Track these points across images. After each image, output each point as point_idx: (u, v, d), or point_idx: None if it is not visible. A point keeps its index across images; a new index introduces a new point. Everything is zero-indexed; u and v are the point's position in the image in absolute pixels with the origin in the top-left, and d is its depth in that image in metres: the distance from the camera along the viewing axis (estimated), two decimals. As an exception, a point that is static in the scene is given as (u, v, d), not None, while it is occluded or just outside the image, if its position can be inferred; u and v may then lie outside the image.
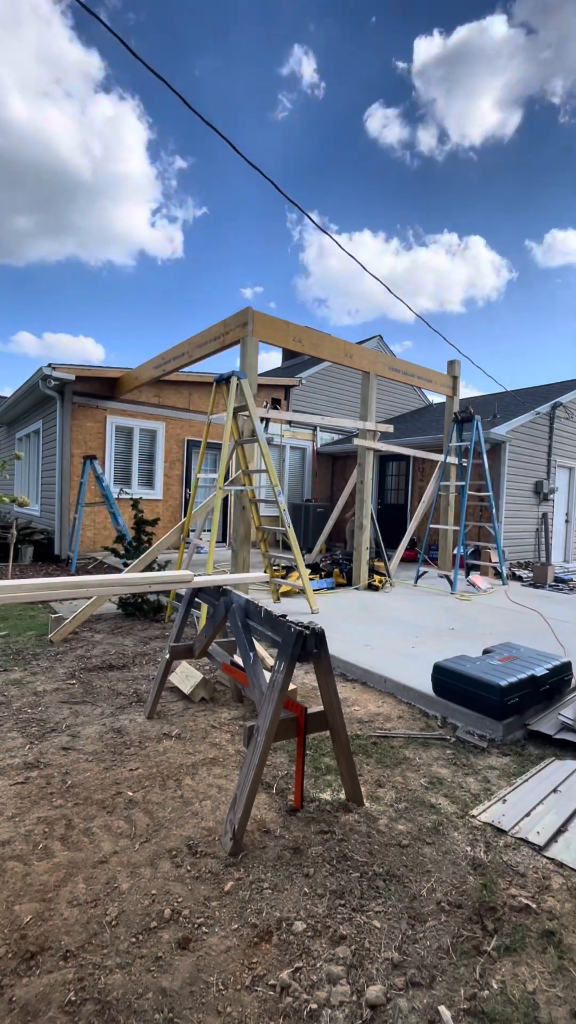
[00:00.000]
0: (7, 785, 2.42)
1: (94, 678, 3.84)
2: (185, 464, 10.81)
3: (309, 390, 13.38)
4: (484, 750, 2.89)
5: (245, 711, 3.32)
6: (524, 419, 10.12)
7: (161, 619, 5.65)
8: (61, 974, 1.48)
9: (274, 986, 1.46)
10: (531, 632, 5.08)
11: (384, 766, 2.68)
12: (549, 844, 2.10)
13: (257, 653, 2.44)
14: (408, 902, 1.79)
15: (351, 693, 3.65)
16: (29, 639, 4.81)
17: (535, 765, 2.73)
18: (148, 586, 2.62)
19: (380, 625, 5.23)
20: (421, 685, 3.50)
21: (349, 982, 1.48)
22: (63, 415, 9.23)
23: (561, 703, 3.39)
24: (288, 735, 2.22)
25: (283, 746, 2.82)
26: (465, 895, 1.83)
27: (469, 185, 65.81)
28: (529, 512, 10.61)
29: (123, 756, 2.71)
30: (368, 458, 7.46)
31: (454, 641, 4.63)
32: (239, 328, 5.93)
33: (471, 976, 1.52)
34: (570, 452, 11.68)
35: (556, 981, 1.51)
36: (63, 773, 2.53)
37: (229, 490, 5.49)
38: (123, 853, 1.98)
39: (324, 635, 2.18)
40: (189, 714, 3.25)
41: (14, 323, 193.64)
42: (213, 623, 2.87)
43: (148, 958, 1.54)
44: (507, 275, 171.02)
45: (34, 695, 3.49)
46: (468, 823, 2.24)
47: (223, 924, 1.67)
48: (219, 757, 2.72)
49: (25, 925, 1.64)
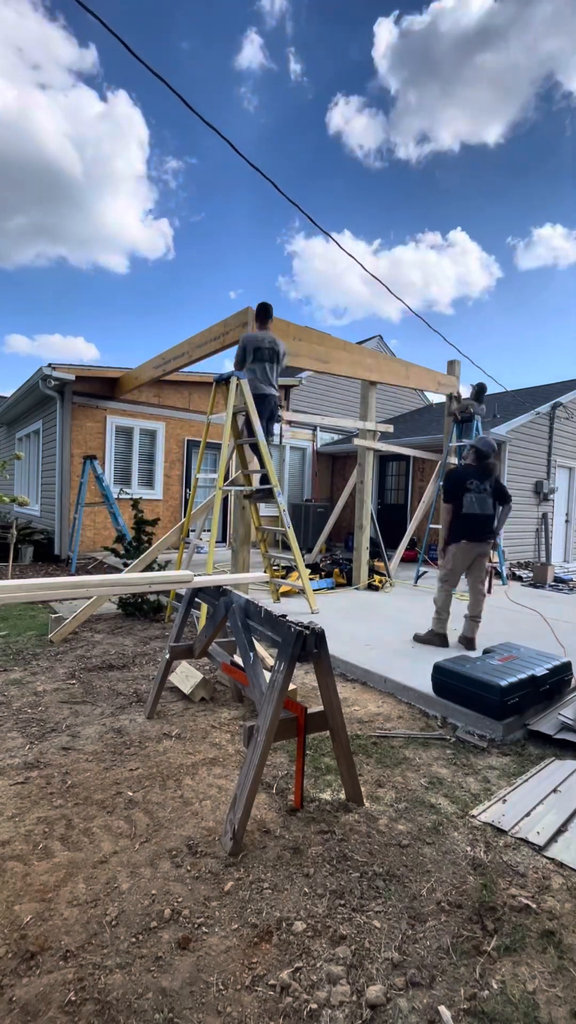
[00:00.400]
0: (7, 785, 2.42)
1: (94, 678, 3.84)
2: (185, 464, 10.81)
3: (309, 390, 13.38)
4: (484, 750, 2.89)
5: (245, 711, 3.32)
6: (524, 419, 10.12)
7: (161, 619, 5.65)
8: (61, 974, 1.48)
9: (274, 986, 1.46)
10: (531, 632, 5.08)
11: (384, 766, 2.68)
12: (549, 844, 2.10)
13: (257, 653, 2.44)
14: (408, 902, 1.79)
15: (351, 693, 3.65)
16: (29, 639, 4.81)
17: (535, 765, 2.73)
18: (148, 586, 2.62)
19: (380, 625, 5.23)
20: (421, 685, 3.50)
21: (349, 982, 1.48)
22: (63, 415, 9.22)
23: (561, 703, 3.39)
24: (288, 735, 2.22)
25: (283, 746, 2.82)
26: (465, 895, 1.83)
27: (452, 183, 65.86)
28: (529, 512, 10.61)
29: (123, 756, 2.71)
30: (368, 458, 7.46)
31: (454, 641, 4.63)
32: (239, 328, 5.92)
33: (471, 976, 1.52)
34: (570, 452, 11.68)
35: (556, 981, 1.51)
36: (63, 773, 2.53)
37: (229, 490, 5.49)
38: (123, 853, 1.98)
39: (324, 635, 2.18)
40: (189, 714, 3.25)
41: (7, 325, 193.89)
42: (213, 623, 2.87)
43: (148, 958, 1.54)
44: (494, 273, 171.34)
45: (34, 695, 3.49)
46: (468, 823, 2.24)
47: (223, 924, 1.67)
48: (219, 757, 2.72)
49: (25, 925, 1.64)
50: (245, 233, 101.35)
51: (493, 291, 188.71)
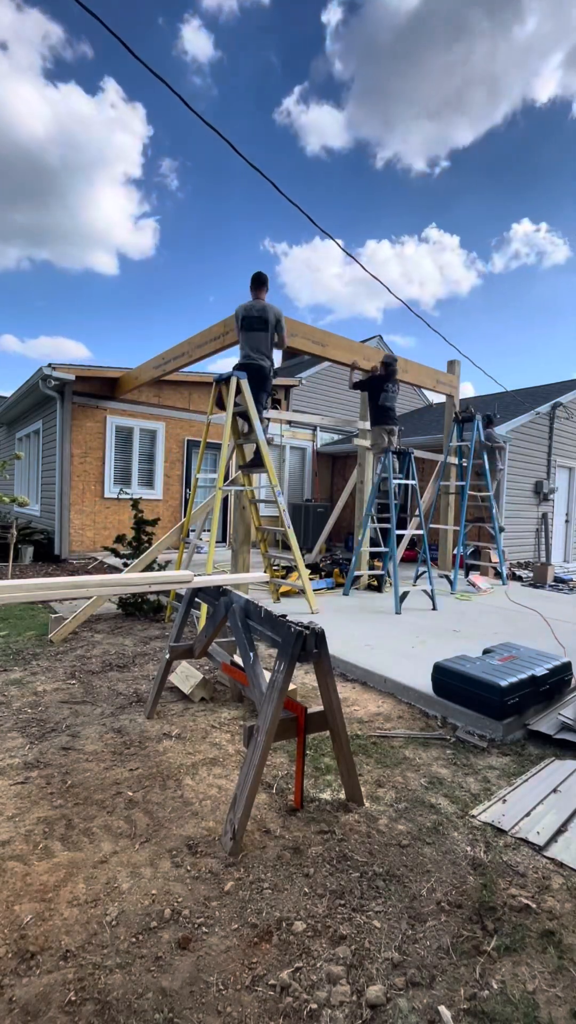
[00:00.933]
0: (7, 785, 2.42)
1: (94, 678, 3.84)
2: (185, 464, 10.81)
3: (309, 390, 13.39)
4: (484, 750, 2.89)
5: (245, 711, 3.32)
6: (524, 419, 10.13)
7: (161, 619, 5.65)
8: (61, 974, 1.48)
9: (274, 986, 1.46)
10: (531, 632, 5.08)
11: (384, 766, 2.68)
12: (549, 844, 2.10)
13: (257, 653, 2.44)
14: (408, 902, 1.79)
15: (351, 693, 3.65)
16: (29, 639, 4.81)
17: (535, 765, 2.73)
18: (148, 586, 2.62)
19: (380, 625, 5.23)
20: (421, 685, 3.50)
21: (349, 982, 1.48)
22: (63, 415, 9.23)
23: (561, 703, 3.39)
24: (288, 735, 2.22)
25: (283, 746, 2.82)
26: (465, 895, 1.83)
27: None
28: (529, 512, 10.61)
29: (123, 756, 2.71)
30: (368, 458, 7.46)
31: (454, 641, 4.63)
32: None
33: (471, 976, 1.52)
34: (570, 452, 11.68)
35: (556, 981, 1.51)
36: (63, 773, 2.53)
37: (229, 490, 5.49)
38: (123, 853, 1.98)
39: (324, 635, 2.18)
40: (189, 714, 3.25)
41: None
42: (213, 623, 2.87)
43: (148, 958, 1.54)
44: (475, 270, 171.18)
45: (34, 695, 3.49)
46: (468, 823, 2.24)
47: (223, 924, 1.67)
48: (219, 757, 2.72)
49: (25, 925, 1.64)
50: (231, 234, 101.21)
51: (479, 289, 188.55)
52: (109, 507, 9.81)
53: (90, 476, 9.59)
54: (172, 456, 10.63)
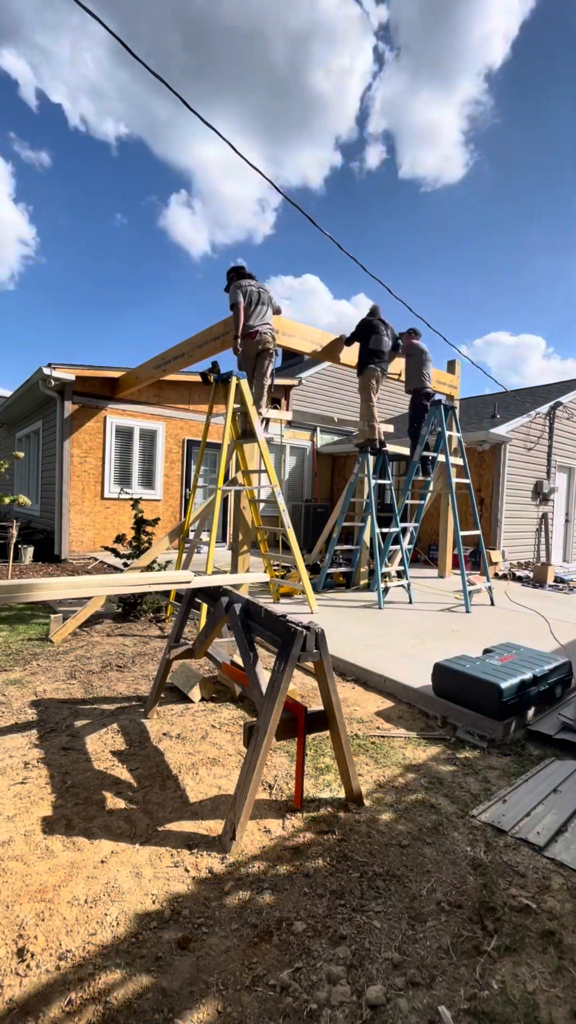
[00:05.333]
0: (7, 785, 2.42)
1: (94, 678, 3.84)
2: (185, 464, 10.81)
3: (309, 390, 13.39)
4: (484, 750, 2.89)
5: (245, 711, 3.32)
6: (524, 419, 10.13)
7: (161, 619, 5.65)
8: (61, 974, 1.48)
9: (274, 986, 1.46)
10: (531, 632, 5.08)
11: (384, 766, 2.68)
12: (549, 844, 2.10)
13: (257, 653, 2.44)
14: (408, 902, 1.79)
15: (351, 693, 3.65)
16: (29, 639, 4.81)
17: (535, 765, 2.73)
18: (148, 586, 2.62)
19: (380, 625, 5.23)
20: (421, 685, 3.50)
21: (349, 982, 1.48)
22: (63, 415, 9.22)
23: (561, 703, 3.39)
24: (288, 735, 2.22)
25: (283, 746, 2.82)
26: (465, 895, 1.83)
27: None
28: (529, 512, 10.61)
29: (123, 756, 2.71)
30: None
31: (454, 641, 4.63)
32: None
33: (471, 976, 1.52)
34: (570, 452, 11.68)
35: (556, 981, 1.51)
36: (63, 773, 2.53)
37: (229, 490, 5.49)
38: (123, 853, 1.98)
39: (324, 635, 2.18)
40: (189, 714, 3.25)
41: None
42: (213, 623, 2.87)
43: (148, 958, 1.54)
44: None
45: (34, 695, 3.49)
46: (468, 823, 2.24)
47: (223, 924, 1.67)
48: (219, 757, 2.72)
49: (25, 925, 1.64)
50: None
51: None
52: (109, 507, 9.81)
53: (90, 476, 9.59)
54: (172, 456, 10.62)
